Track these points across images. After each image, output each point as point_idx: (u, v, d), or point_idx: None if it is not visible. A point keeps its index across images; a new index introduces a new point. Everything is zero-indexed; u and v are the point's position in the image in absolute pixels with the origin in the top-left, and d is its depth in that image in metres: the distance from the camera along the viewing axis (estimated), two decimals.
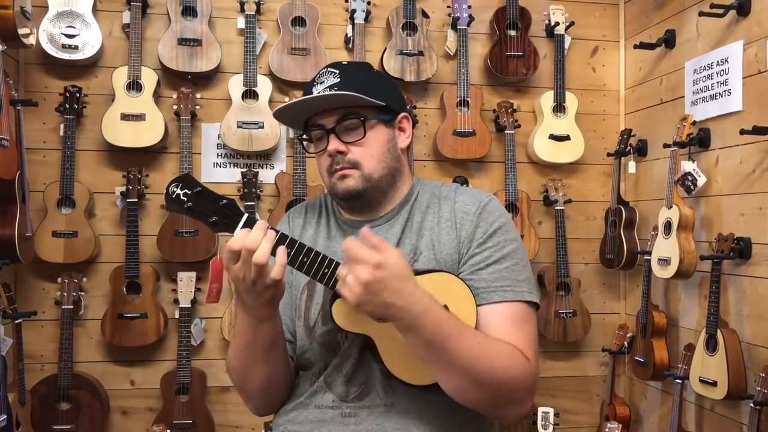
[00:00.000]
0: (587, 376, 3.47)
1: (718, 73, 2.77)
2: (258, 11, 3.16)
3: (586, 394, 3.47)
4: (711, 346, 2.58)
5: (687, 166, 2.85)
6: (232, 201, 1.30)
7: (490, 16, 3.35)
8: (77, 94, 2.98)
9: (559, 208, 3.31)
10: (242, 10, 3.14)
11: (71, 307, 2.93)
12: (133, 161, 3.07)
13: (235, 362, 1.44)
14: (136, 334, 2.98)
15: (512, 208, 3.22)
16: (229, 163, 3.19)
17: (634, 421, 3.33)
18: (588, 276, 3.46)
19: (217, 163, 3.19)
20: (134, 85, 3.01)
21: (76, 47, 2.97)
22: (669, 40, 3.10)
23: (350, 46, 3.23)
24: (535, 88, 3.42)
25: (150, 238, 3.04)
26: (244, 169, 3.13)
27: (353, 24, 3.20)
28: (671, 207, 2.79)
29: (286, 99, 3.14)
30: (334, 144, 1.41)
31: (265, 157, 3.21)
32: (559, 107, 3.33)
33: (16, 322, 2.64)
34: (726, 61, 2.73)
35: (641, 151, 3.30)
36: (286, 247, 1.26)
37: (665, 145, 2.91)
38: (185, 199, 1.29)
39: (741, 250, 2.60)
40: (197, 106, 3.11)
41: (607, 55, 3.53)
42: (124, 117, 2.98)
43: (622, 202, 3.26)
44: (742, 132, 2.51)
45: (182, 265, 3.04)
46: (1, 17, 2.43)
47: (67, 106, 2.96)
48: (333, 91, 1.39)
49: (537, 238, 3.28)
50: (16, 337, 2.62)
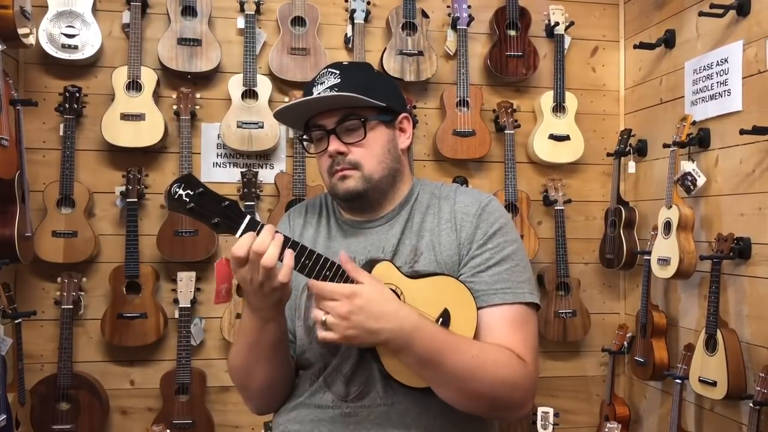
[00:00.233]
0: (587, 376, 3.47)
1: (717, 73, 2.77)
2: (258, 11, 3.16)
3: (585, 394, 3.47)
4: (711, 346, 2.59)
5: (687, 166, 2.85)
6: (235, 202, 1.30)
7: (490, 16, 3.35)
8: (77, 94, 2.98)
9: (558, 208, 3.31)
10: (242, 10, 3.14)
11: (71, 306, 2.93)
12: (133, 161, 3.07)
13: (239, 361, 1.44)
14: (136, 334, 2.98)
15: (512, 208, 3.22)
16: (229, 163, 3.19)
17: (634, 421, 3.33)
18: (588, 276, 3.46)
19: (217, 163, 3.19)
20: (134, 85, 3.01)
21: (76, 47, 2.96)
22: (669, 40, 3.10)
23: (350, 46, 3.23)
24: (535, 88, 3.42)
25: (150, 238, 3.04)
26: (244, 169, 3.13)
27: (353, 24, 3.20)
28: (671, 207, 2.79)
29: (286, 99, 3.14)
30: (335, 145, 1.41)
31: (265, 157, 3.21)
32: (559, 107, 3.33)
33: (16, 321, 2.65)
34: (726, 61, 2.73)
35: (641, 151, 3.30)
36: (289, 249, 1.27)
37: (665, 145, 2.91)
38: (187, 200, 1.28)
39: (741, 250, 2.60)
40: (197, 106, 3.11)
41: (607, 55, 3.53)
42: (124, 117, 2.98)
43: (622, 202, 3.27)
44: (742, 132, 2.51)
45: (182, 264, 3.04)
46: (0, 17, 2.43)
47: (67, 105, 2.96)
48: (333, 92, 1.39)
49: (537, 238, 3.28)
50: (15, 337, 2.62)
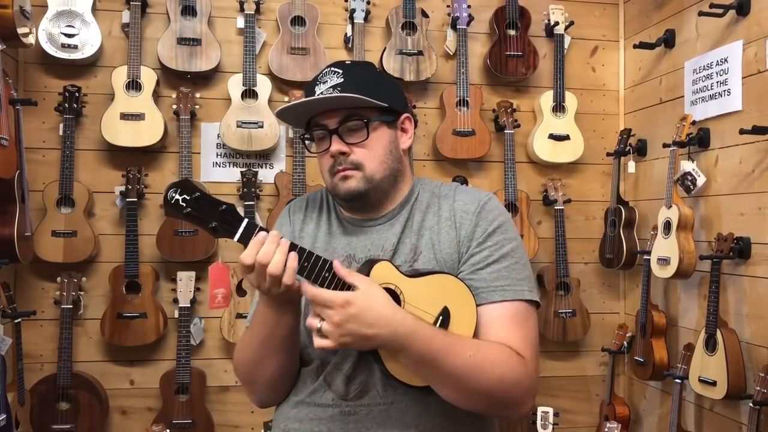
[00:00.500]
0: (587, 375, 3.47)
1: (717, 73, 2.77)
2: (257, 11, 3.16)
3: (585, 394, 3.47)
4: (710, 345, 2.58)
5: (686, 166, 2.85)
6: (232, 206, 1.30)
7: (490, 16, 3.35)
8: (76, 94, 2.98)
9: (558, 207, 3.31)
10: (242, 10, 3.14)
11: (70, 306, 2.93)
12: (133, 161, 3.07)
13: (250, 353, 1.44)
14: (136, 334, 2.98)
15: (512, 207, 3.22)
16: (229, 163, 3.19)
17: (634, 420, 3.33)
18: (587, 276, 3.46)
19: (217, 163, 3.19)
20: (134, 85, 3.01)
21: (76, 47, 2.96)
22: (668, 40, 3.10)
23: (350, 46, 3.23)
24: (535, 87, 3.42)
25: (149, 238, 3.04)
26: (244, 169, 3.13)
27: (353, 23, 3.20)
28: (671, 207, 2.79)
29: (286, 99, 3.14)
30: (337, 145, 1.41)
31: (265, 156, 3.21)
32: (559, 107, 3.33)
33: (16, 321, 2.65)
34: (725, 60, 2.73)
35: (641, 150, 3.30)
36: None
37: (665, 145, 2.91)
38: (184, 205, 1.28)
39: (740, 249, 2.60)
40: (197, 106, 3.11)
41: (607, 55, 3.54)
42: (124, 116, 2.97)
43: (622, 202, 3.26)
44: (742, 132, 2.52)
45: (182, 264, 3.04)
46: (0, 16, 2.43)
47: (67, 105, 2.96)
48: (336, 92, 1.39)
49: (536, 238, 3.28)
50: (15, 337, 2.62)
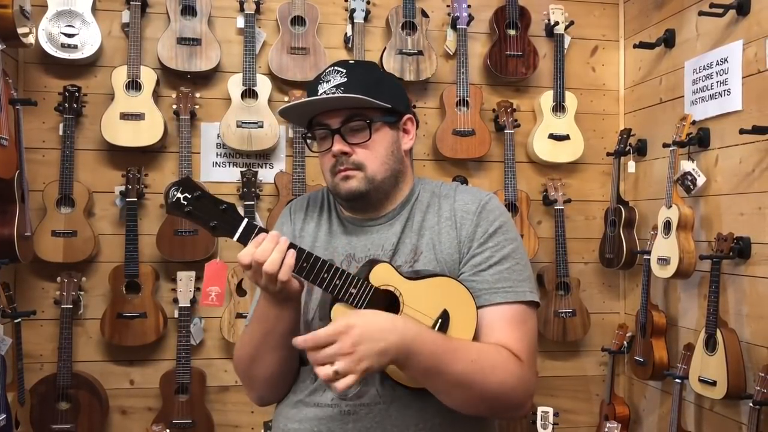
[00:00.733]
0: (587, 375, 3.47)
1: (717, 73, 2.77)
2: (257, 10, 3.16)
3: (585, 394, 3.47)
4: (710, 345, 2.58)
5: (686, 166, 2.85)
6: (232, 205, 1.31)
7: (490, 16, 3.35)
8: (76, 94, 2.98)
9: (558, 207, 3.31)
10: (241, 10, 3.14)
11: (70, 306, 2.93)
12: (133, 161, 3.07)
13: (250, 349, 1.45)
14: (136, 334, 2.97)
15: (512, 207, 3.22)
16: (229, 163, 3.19)
17: (634, 420, 3.33)
18: (587, 275, 3.46)
19: (217, 163, 3.18)
20: (133, 85, 3.01)
21: (76, 46, 2.96)
22: (668, 40, 3.10)
23: (350, 46, 3.23)
24: (535, 87, 3.42)
25: (149, 238, 3.04)
26: (244, 169, 3.13)
27: (353, 23, 3.20)
28: (671, 206, 2.79)
29: (286, 98, 3.14)
30: (339, 145, 1.41)
31: (265, 156, 3.21)
32: (559, 107, 3.33)
33: (16, 321, 2.65)
34: (725, 60, 2.73)
35: (641, 150, 3.30)
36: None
37: (665, 145, 2.91)
38: (185, 204, 1.29)
39: (740, 249, 2.60)
40: (196, 106, 3.11)
41: (607, 55, 3.54)
42: (124, 116, 2.97)
43: (622, 202, 3.26)
44: (742, 132, 2.52)
45: (181, 264, 3.04)
46: (0, 16, 2.43)
47: (67, 105, 2.96)
48: (340, 91, 1.39)
49: (536, 238, 3.28)
50: (15, 337, 2.62)
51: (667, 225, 2.80)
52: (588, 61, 3.52)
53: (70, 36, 2.96)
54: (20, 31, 2.51)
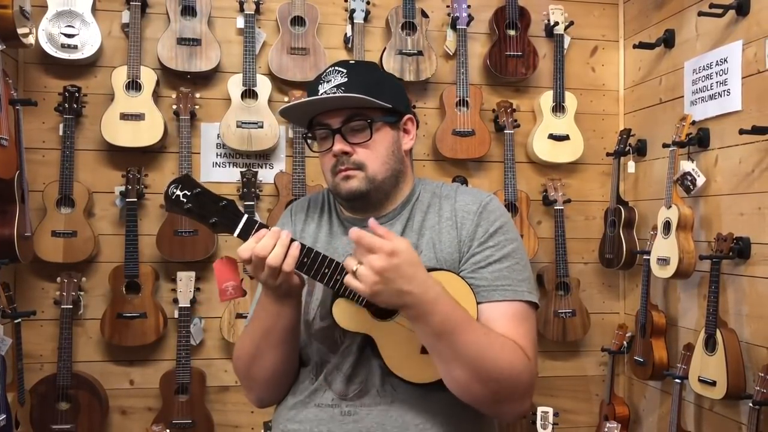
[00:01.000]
0: (586, 375, 3.47)
1: (717, 73, 2.77)
2: (257, 11, 3.16)
3: (585, 394, 3.47)
4: (710, 345, 2.59)
5: (686, 166, 2.85)
6: (232, 202, 1.31)
7: (490, 16, 3.36)
8: (76, 94, 2.98)
9: (558, 207, 3.31)
10: (241, 10, 3.14)
11: (70, 306, 2.93)
12: (133, 161, 3.07)
13: (250, 347, 1.44)
14: (136, 334, 2.98)
15: (512, 207, 3.22)
16: (229, 163, 3.19)
17: (634, 420, 3.33)
18: (587, 276, 3.46)
19: (217, 163, 3.19)
20: (133, 85, 3.01)
21: (76, 47, 2.96)
22: (668, 40, 3.11)
23: (349, 46, 3.23)
24: (535, 87, 3.43)
25: (149, 238, 3.04)
26: (244, 169, 3.13)
27: (352, 24, 3.20)
28: (670, 207, 2.80)
29: (286, 99, 3.15)
30: (340, 145, 1.41)
31: (265, 156, 3.21)
32: (559, 107, 3.33)
33: (16, 321, 2.65)
34: (725, 60, 2.73)
35: (640, 150, 3.30)
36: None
37: (664, 145, 2.91)
38: (185, 201, 1.29)
39: (740, 249, 2.60)
40: (196, 106, 3.11)
41: (607, 55, 3.54)
42: (124, 117, 2.97)
43: (622, 202, 3.27)
44: (741, 132, 2.52)
45: (181, 264, 3.04)
46: (0, 17, 2.43)
47: (67, 105, 2.96)
48: (341, 91, 1.39)
49: (536, 238, 3.28)
50: (15, 337, 2.62)
51: (667, 225, 2.81)
52: (588, 62, 3.52)
53: (70, 36, 2.96)
54: (20, 31, 2.51)
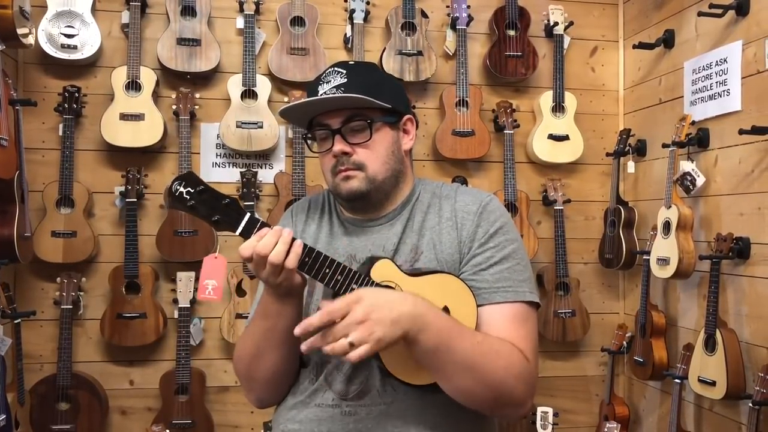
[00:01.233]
0: (586, 375, 3.47)
1: (717, 73, 2.78)
2: (257, 11, 3.16)
3: (585, 394, 3.47)
4: (710, 345, 2.59)
5: (686, 166, 2.85)
6: (235, 200, 1.32)
7: (489, 16, 3.36)
8: (76, 94, 2.98)
9: (558, 207, 3.31)
10: (241, 10, 3.14)
11: (70, 306, 2.93)
12: (132, 161, 3.07)
13: (251, 347, 1.45)
14: (135, 334, 2.97)
15: (511, 208, 3.22)
16: (228, 163, 3.19)
17: (633, 420, 3.33)
18: (587, 276, 3.46)
19: (216, 163, 3.19)
20: (133, 85, 3.01)
21: (75, 47, 2.96)
22: (668, 40, 3.11)
23: (349, 46, 3.23)
24: (534, 88, 3.43)
25: (149, 238, 3.04)
26: (243, 169, 3.13)
27: (352, 24, 3.20)
28: (670, 207, 2.80)
29: (285, 99, 3.15)
30: (340, 145, 1.42)
31: (264, 157, 3.21)
32: (558, 107, 3.33)
33: (15, 321, 2.65)
34: (725, 61, 2.73)
35: (640, 151, 3.30)
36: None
37: (664, 145, 2.91)
38: (188, 198, 1.30)
39: (740, 249, 2.60)
40: (196, 106, 3.11)
41: (606, 55, 3.54)
42: (123, 117, 2.97)
43: (621, 202, 3.27)
44: (741, 132, 2.52)
45: (181, 264, 3.04)
46: (0, 17, 2.43)
47: (66, 105, 2.96)
48: (340, 92, 1.39)
49: (536, 238, 3.28)
50: (15, 337, 2.62)
51: (667, 225, 2.81)
52: (587, 62, 3.52)
53: (69, 36, 2.96)
54: (20, 31, 2.51)
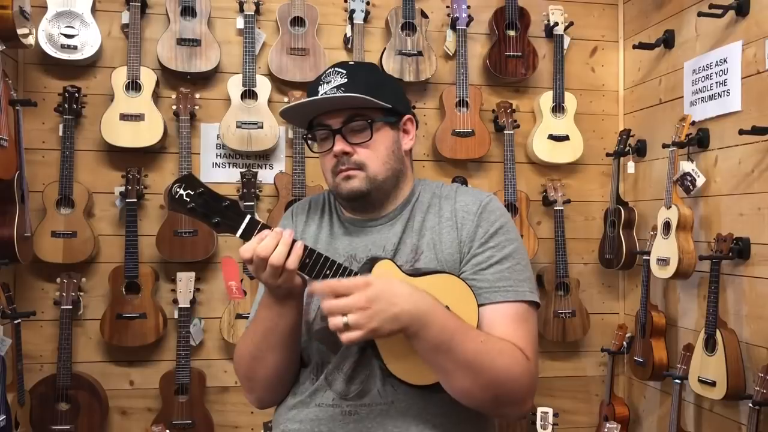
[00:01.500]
0: (586, 376, 3.47)
1: (717, 74, 2.78)
2: (257, 11, 3.16)
3: (585, 394, 3.47)
4: (710, 346, 2.59)
5: (686, 167, 2.85)
6: (235, 202, 1.32)
7: (489, 17, 3.36)
8: (76, 94, 2.98)
9: (558, 208, 3.31)
10: (241, 10, 3.14)
11: (70, 307, 2.92)
12: (132, 161, 3.07)
13: (251, 348, 1.44)
14: (135, 335, 2.97)
15: (511, 208, 3.22)
16: (228, 164, 3.19)
17: (633, 421, 3.33)
18: (587, 276, 3.46)
19: (216, 164, 3.19)
20: (133, 85, 3.01)
21: (75, 47, 2.96)
22: (668, 41, 3.11)
23: (349, 47, 3.23)
24: (534, 88, 3.43)
25: (149, 238, 3.04)
26: (243, 170, 3.13)
27: (352, 24, 3.20)
28: (670, 207, 2.80)
29: (285, 99, 3.14)
30: (340, 145, 1.42)
31: (264, 157, 3.21)
32: (558, 107, 3.33)
33: (15, 322, 2.65)
34: (725, 61, 2.73)
35: (640, 151, 3.30)
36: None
37: (664, 146, 2.91)
38: (188, 200, 1.30)
39: (740, 250, 2.60)
40: (196, 107, 3.11)
41: (606, 56, 3.54)
42: (123, 117, 2.97)
43: (621, 203, 3.27)
44: (741, 132, 2.52)
45: (181, 265, 3.04)
46: (0, 17, 2.43)
47: (66, 106, 2.96)
48: (341, 92, 1.39)
49: (536, 239, 3.28)
50: (15, 338, 2.62)
51: (667, 225, 2.81)
52: (587, 62, 3.52)
53: (69, 37, 2.96)
54: (20, 31, 2.51)
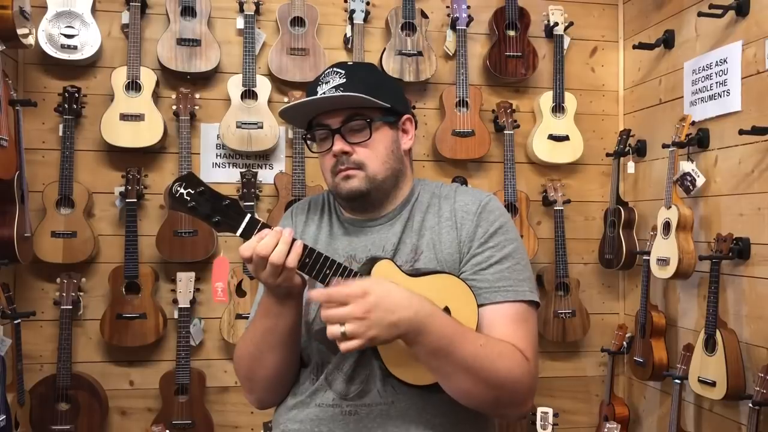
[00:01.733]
0: (586, 376, 3.47)
1: (717, 74, 2.78)
2: (257, 11, 3.16)
3: (585, 395, 3.47)
4: (710, 346, 2.59)
5: (686, 167, 2.85)
6: (235, 201, 1.32)
7: (489, 17, 3.35)
8: (76, 95, 2.98)
9: (558, 208, 3.31)
10: (241, 11, 3.14)
11: (70, 307, 2.92)
12: (132, 161, 3.07)
13: (251, 347, 1.45)
14: (135, 335, 2.97)
15: (511, 208, 3.22)
16: (228, 164, 3.19)
17: (633, 421, 3.33)
18: (587, 276, 3.46)
19: (216, 164, 3.18)
20: (133, 86, 3.01)
21: (75, 47, 2.96)
22: (668, 41, 3.11)
23: (349, 47, 3.23)
24: (534, 88, 3.43)
25: (149, 239, 3.04)
26: (243, 170, 3.13)
27: (352, 24, 3.20)
28: (670, 207, 2.80)
29: (285, 99, 3.14)
30: (340, 145, 1.42)
31: (264, 157, 3.21)
32: (558, 107, 3.33)
33: (15, 322, 2.65)
34: (725, 61, 2.73)
35: (640, 151, 3.30)
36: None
37: (664, 146, 2.91)
38: (188, 199, 1.30)
39: (740, 250, 2.60)
40: (196, 107, 3.11)
41: (606, 56, 3.54)
42: (123, 117, 2.97)
43: (621, 203, 3.27)
44: (741, 132, 2.52)
45: (181, 265, 3.04)
46: (0, 17, 2.43)
47: (66, 106, 2.96)
48: (340, 92, 1.39)
49: (536, 239, 3.28)
50: (14, 338, 2.62)
51: (667, 225, 2.81)
52: (587, 62, 3.52)
53: (69, 37, 2.96)
54: (20, 32, 2.51)
